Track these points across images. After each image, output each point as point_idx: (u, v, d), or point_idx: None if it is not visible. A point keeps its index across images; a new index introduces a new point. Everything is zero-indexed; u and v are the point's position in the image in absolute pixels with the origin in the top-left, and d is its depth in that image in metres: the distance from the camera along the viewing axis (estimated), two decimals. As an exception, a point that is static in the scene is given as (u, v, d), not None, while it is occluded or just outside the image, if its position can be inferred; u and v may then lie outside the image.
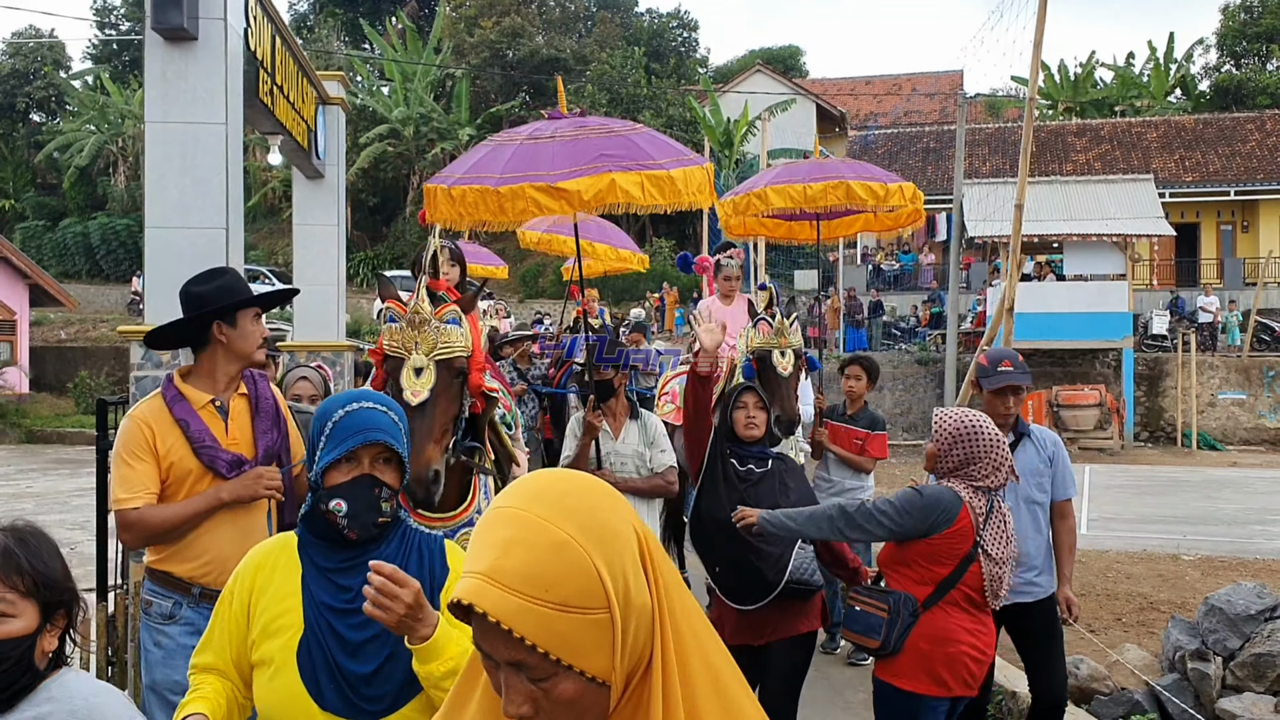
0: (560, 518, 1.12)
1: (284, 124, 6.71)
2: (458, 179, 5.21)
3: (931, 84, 42.64)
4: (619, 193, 5.02)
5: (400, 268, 31.03)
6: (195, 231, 4.85)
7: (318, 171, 8.44)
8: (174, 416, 3.10)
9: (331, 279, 8.36)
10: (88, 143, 35.89)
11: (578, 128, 5.43)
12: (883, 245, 29.19)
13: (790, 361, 5.10)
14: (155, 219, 4.93)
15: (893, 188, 6.77)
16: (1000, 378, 4.16)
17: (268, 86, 6.04)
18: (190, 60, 4.81)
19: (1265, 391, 22.00)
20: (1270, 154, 28.81)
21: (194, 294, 3.21)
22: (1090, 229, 21.69)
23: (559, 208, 5.09)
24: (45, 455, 19.91)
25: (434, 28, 37.23)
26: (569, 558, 1.09)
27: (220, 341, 3.17)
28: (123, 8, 46.11)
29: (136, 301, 31.51)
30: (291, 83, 6.76)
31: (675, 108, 33.93)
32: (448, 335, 3.08)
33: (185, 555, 3.11)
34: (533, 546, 1.10)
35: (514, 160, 5.16)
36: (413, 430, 2.83)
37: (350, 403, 2.21)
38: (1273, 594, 5.25)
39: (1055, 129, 32.34)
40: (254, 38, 5.56)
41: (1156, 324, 24.11)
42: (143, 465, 3.06)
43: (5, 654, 1.84)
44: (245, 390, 3.26)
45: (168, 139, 4.90)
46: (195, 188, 4.85)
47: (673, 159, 5.40)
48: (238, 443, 3.18)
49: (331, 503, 2.14)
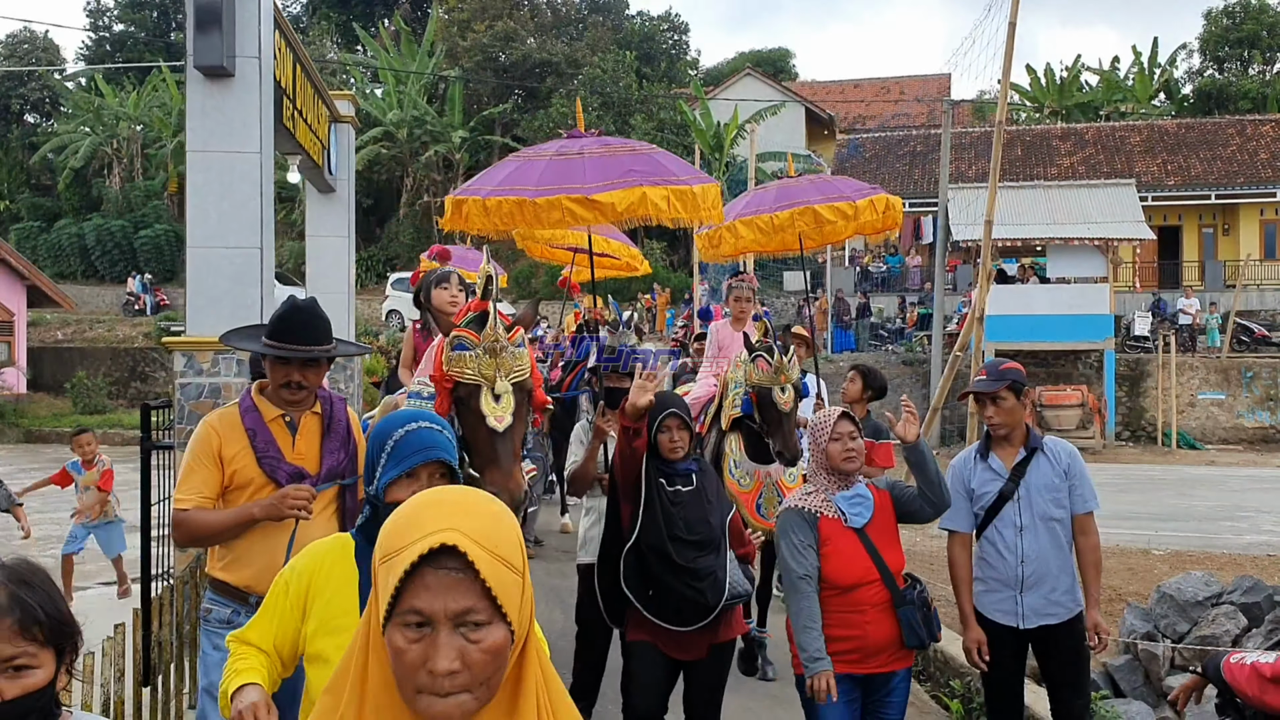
0: (486, 498, 1.38)
1: (303, 145, 7.13)
2: (491, 190, 5.50)
3: (920, 87, 42.98)
4: (649, 205, 5.35)
5: (394, 269, 31.37)
6: (233, 250, 5.27)
7: (330, 186, 8.85)
8: (244, 425, 3.21)
9: (343, 286, 8.80)
10: (83, 144, 35.93)
11: (604, 146, 5.77)
12: (870, 248, 29.61)
13: (790, 397, 5.12)
14: (197, 239, 5.36)
15: (862, 204, 6.88)
16: (975, 385, 4.23)
17: (289, 112, 6.46)
18: (228, 95, 5.25)
19: (1243, 392, 22.47)
20: (1250, 158, 29.32)
21: (270, 329, 3.26)
22: (1072, 232, 22.15)
23: (593, 218, 5.41)
24: (45, 454, 19.98)
25: (427, 31, 37.50)
26: (505, 525, 1.34)
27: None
28: (115, 10, 46.31)
29: (131, 302, 31.60)
30: (309, 105, 7.18)
31: (666, 111, 34.28)
32: (520, 359, 3.15)
33: (240, 564, 3.22)
34: (481, 515, 1.33)
35: (548, 174, 5.47)
36: (499, 455, 3.05)
37: (409, 422, 2.37)
38: (1219, 583, 5.69)
39: (1040, 132, 32.78)
40: (279, 68, 5.97)
41: (1139, 325, 24.55)
42: (203, 469, 3.17)
43: (31, 707, 1.75)
44: (319, 410, 3.33)
45: (207, 167, 5.32)
46: (233, 211, 5.28)
47: (692, 175, 5.79)
48: (304, 457, 3.25)
49: None
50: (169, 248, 34.94)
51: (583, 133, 6.02)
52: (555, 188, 5.35)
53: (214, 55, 5.12)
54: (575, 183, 5.38)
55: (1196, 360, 22.84)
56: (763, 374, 5.11)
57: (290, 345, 3.15)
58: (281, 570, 2.38)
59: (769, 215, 6.91)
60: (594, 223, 5.64)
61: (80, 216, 35.93)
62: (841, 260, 30.22)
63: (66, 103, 39.60)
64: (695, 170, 5.98)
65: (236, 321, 4.49)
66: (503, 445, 3.06)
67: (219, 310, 5.27)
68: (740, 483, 5.58)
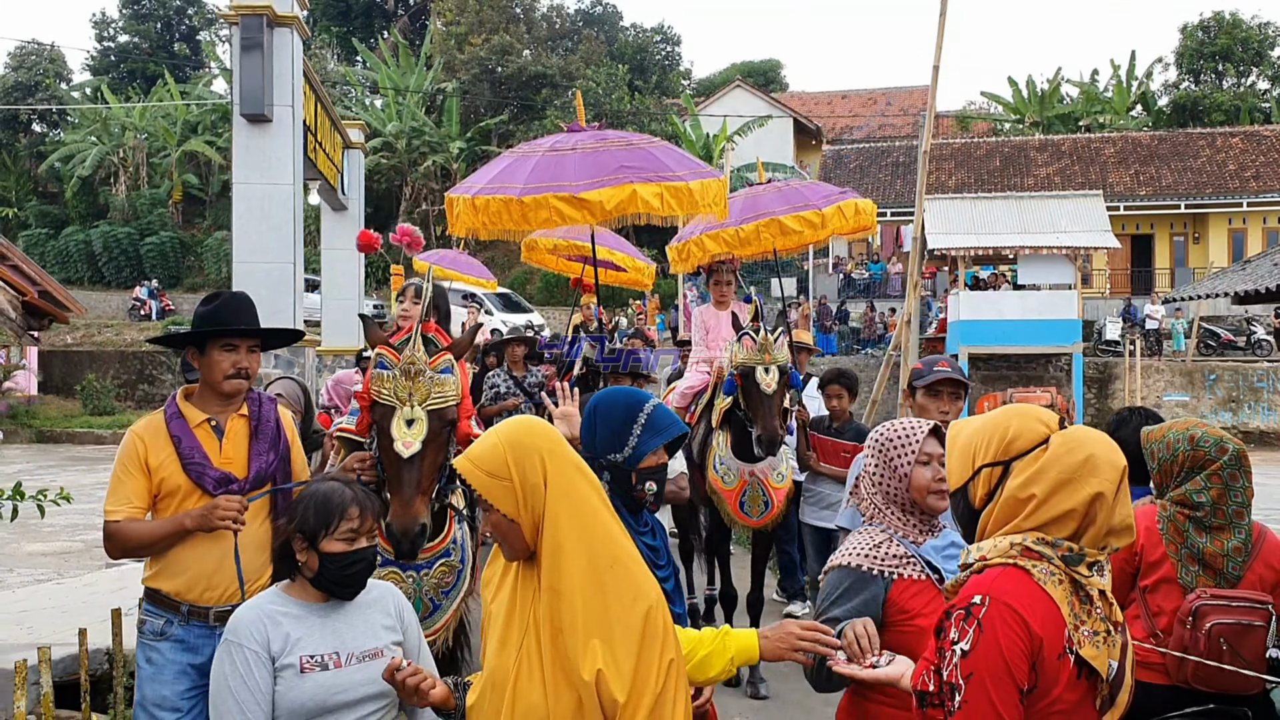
0: (498, 434, 2.11)
1: (322, 172, 8.14)
2: (480, 189, 5.31)
3: (906, 99, 43.94)
4: (639, 203, 5.10)
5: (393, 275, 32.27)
6: (271, 265, 6.18)
7: (342, 205, 9.89)
8: (170, 432, 3.13)
9: (353, 294, 9.82)
10: (89, 154, 36.74)
11: (598, 140, 5.52)
12: (854, 255, 30.58)
13: (774, 379, 4.96)
14: (241, 255, 6.37)
15: (829, 211, 6.75)
16: (935, 374, 3.91)
17: (312, 145, 7.39)
18: (267, 137, 6.18)
19: (1207, 394, 23.34)
20: (1219, 169, 30.39)
21: (196, 313, 3.26)
22: (1042, 241, 23.03)
23: (581, 217, 5.17)
24: (58, 453, 20.59)
25: (425, 44, 38.46)
26: (496, 453, 2.06)
27: (194, 365, 3.22)
28: (120, 21, 47.21)
29: (138, 307, 32.46)
30: (326, 136, 8.17)
31: (657, 123, 35.19)
32: (441, 385, 3.04)
33: (170, 572, 3.12)
34: (481, 445, 2.10)
35: (537, 171, 5.25)
36: (401, 482, 2.97)
37: (648, 399, 2.58)
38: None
39: (1019, 144, 33.82)
40: (305, 109, 6.97)
41: (1110, 330, 25.40)
42: (131, 480, 3.10)
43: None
44: (246, 412, 3.25)
45: (250, 196, 6.32)
46: (271, 233, 6.19)
47: (690, 171, 5.47)
48: (231, 462, 3.17)
49: (647, 483, 2.49)
50: (174, 254, 35.87)
51: (582, 127, 5.79)
52: (542, 185, 5.15)
53: (256, 105, 6.08)
54: (565, 180, 5.17)
55: (1162, 364, 23.74)
56: (747, 353, 4.98)
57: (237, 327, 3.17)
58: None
59: (734, 229, 6.74)
60: (582, 222, 5.39)
61: (87, 224, 36.72)
62: (825, 267, 31.18)
63: (73, 113, 40.41)
64: (697, 164, 5.63)
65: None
66: (408, 472, 2.98)
67: (260, 314, 6.11)
68: (724, 479, 5.55)
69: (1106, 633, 1.85)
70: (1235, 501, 2.94)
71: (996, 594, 1.82)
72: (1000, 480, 1.95)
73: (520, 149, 5.70)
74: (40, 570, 8.80)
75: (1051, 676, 1.81)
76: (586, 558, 2.01)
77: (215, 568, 3.09)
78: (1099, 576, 1.87)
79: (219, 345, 3.15)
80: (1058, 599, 1.83)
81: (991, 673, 1.77)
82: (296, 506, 2.45)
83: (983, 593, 1.83)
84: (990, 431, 1.99)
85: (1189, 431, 3.04)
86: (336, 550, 2.36)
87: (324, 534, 2.36)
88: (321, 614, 2.40)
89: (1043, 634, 1.80)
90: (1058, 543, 1.87)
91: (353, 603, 2.44)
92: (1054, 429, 1.96)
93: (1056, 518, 1.87)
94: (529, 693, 1.99)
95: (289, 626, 2.35)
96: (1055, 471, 1.87)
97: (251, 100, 6.00)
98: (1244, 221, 30.07)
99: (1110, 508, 1.86)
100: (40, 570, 8.80)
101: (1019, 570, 1.86)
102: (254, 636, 2.31)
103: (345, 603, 2.43)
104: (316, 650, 2.34)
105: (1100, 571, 1.88)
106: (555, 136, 5.76)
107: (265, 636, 2.31)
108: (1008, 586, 1.83)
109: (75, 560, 9.50)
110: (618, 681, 1.93)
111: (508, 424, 2.14)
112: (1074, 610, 1.84)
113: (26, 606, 7.14)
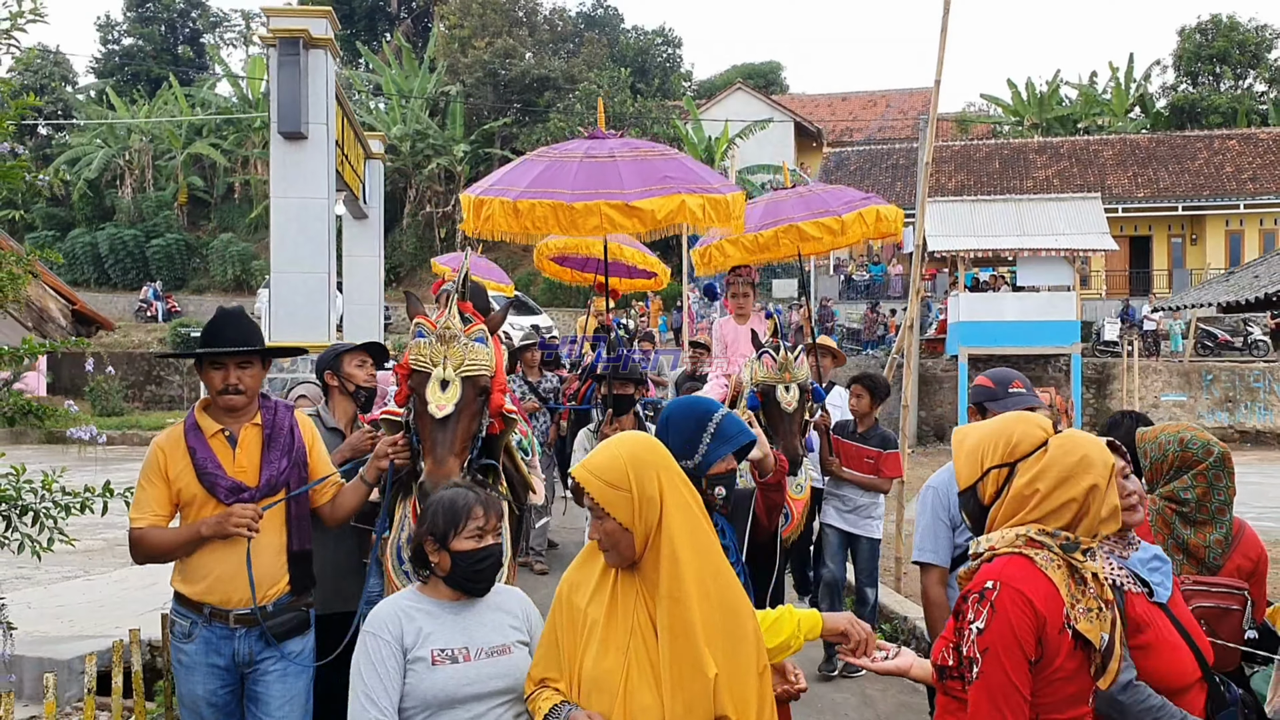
0: (618, 447, 2.28)
1: (348, 184, 8.46)
2: (521, 192, 5.18)
3: (906, 101, 44.17)
4: (686, 213, 5.12)
5: (398, 278, 32.60)
6: (307, 274, 6.49)
7: (364, 213, 10.21)
8: (187, 444, 3.28)
9: (374, 299, 10.13)
10: (95, 156, 36.99)
11: (633, 149, 5.48)
12: (854, 257, 30.81)
13: (795, 397, 4.93)
14: (280, 265, 6.67)
15: (849, 218, 6.64)
16: (1015, 400, 3.79)
17: (339, 159, 7.68)
18: (302, 153, 6.48)
19: (1204, 394, 23.57)
20: (1216, 171, 30.63)
21: (201, 340, 3.36)
22: (1041, 244, 23.25)
23: (630, 225, 5.16)
24: (69, 454, 20.73)
25: (428, 47, 38.69)
26: (617, 465, 2.23)
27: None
28: (125, 24, 47.44)
29: (144, 309, 32.76)
30: (351, 148, 8.48)
31: (659, 125, 35.40)
32: (475, 353, 3.13)
33: (193, 577, 3.28)
34: (601, 456, 2.28)
35: (582, 177, 5.20)
36: (435, 442, 3.05)
37: (718, 409, 2.74)
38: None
39: (1018, 146, 34.05)
40: (335, 126, 7.27)
41: (1108, 331, 25.59)
42: (153, 488, 3.26)
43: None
44: (260, 420, 3.37)
45: (287, 209, 6.62)
46: (307, 243, 6.49)
47: (721, 183, 5.54)
48: (244, 471, 3.29)
49: (716, 489, 2.67)
50: (180, 256, 36.13)
51: (605, 133, 5.74)
52: (592, 192, 5.08)
53: (293, 124, 6.40)
54: (613, 187, 5.12)
55: (1160, 364, 23.96)
56: (768, 371, 4.98)
57: (222, 347, 3.27)
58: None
59: (754, 235, 6.68)
60: (631, 230, 5.33)
61: (94, 226, 36.96)
62: (826, 269, 31.42)
63: (80, 117, 40.67)
64: (721, 177, 5.74)
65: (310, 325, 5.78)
66: (440, 433, 3.05)
67: (295, 318, 6.47)
68: None
69: (1099, 610, 2.18)
70: (1218, 499, 3.24)
71: (1006, 579, 2.15)
72: (1007, 480, 2.24)
73: (549, 153, 5.63)
74: (66, 567, 9.04)
75: (1054, 649, 2.13)
76: (697, 568, 2.20)
77: (234, 573, 3.22)
78: (1091, 561, 2.18)
79: (210, 363, 3.28)
80: (1057, 581, 2.15)
81: (1005, 647, 2.10)
82: (425, 513, 2.62)
83: (994, 578, 2.17)
84: (995, 437, 2.33)
85: (1179, 434, 3.33)
86: (467, 548, 2.53)
87: (453, 534, 2.53)
88: (453, 611, 2.55)
89: (1046, 612, 2.12)
90: (1056, 533, 2.20)
91: (483, 602, 2.59)
92: (1051, 433, 2.29)
93: (1057, 509, 2.20)
94: (641, 693, 2.17)
95: (422, 621, 2.51)
96: (1056, 469, 2.21)
97: (288, 119, 6.29)
98: (1241, 223, 30.35)
99: (1103, 498, 2.20)
100: (66, 567, 9.04)
101: (1024, 558, 2.19)
102: (388, 629, 2.47)
103: (476, 601, 2.58)
104: (447, 644, 2.49)
105: (1093, 557, 2.19)
106: (584, 142, 5.67)
107: (399, 630, 2.48)
108: (1015, 572, 2.16)
109: (99, 558, 9.76)
110: (727, 693, 2.14)
111: (626, 439, 2.33)
112: (1071, 591, 2.17)
113: (63, 601, 7.42)
